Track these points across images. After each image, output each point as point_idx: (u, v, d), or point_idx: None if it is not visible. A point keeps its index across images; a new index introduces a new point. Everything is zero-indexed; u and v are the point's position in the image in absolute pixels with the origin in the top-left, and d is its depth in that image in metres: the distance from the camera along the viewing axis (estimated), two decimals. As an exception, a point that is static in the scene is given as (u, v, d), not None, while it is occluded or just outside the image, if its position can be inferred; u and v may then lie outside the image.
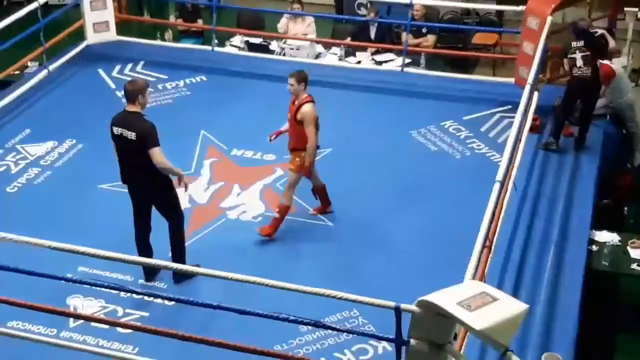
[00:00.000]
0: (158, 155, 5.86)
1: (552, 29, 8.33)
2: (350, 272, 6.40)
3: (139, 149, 5.85)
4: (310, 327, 5.66)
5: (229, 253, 6.61)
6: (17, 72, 9.73)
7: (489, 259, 5.67)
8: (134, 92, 5.88)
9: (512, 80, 9.02)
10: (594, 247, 6.91)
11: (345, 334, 5.65)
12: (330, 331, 5.68)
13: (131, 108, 5.92)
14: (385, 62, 10.02)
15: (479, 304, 3.91)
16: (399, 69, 9.64)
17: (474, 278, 4.60)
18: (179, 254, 6.17)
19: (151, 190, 6.07)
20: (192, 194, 7.43)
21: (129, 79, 9.58)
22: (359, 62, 10.05)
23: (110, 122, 6.03)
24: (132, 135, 5.85)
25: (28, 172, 7.84)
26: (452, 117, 8.80)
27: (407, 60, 9.73)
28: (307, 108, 6.38)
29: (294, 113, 6.49)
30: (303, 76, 6.45)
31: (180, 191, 6.16)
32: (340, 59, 10.13)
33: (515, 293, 6.02)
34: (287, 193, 6.66)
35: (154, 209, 6.20)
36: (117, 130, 5.94)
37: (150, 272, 6.31)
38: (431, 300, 3.98)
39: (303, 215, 7.11)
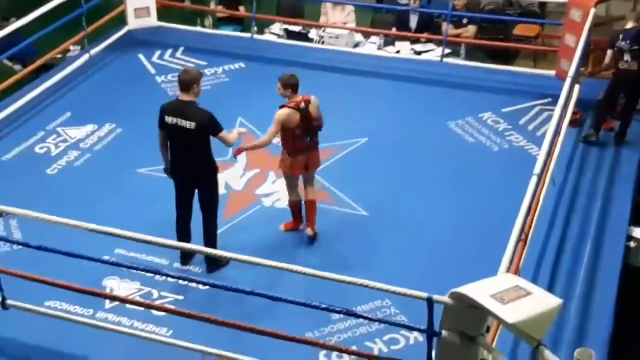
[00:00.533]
0: (226, 136, 6.06)
1: (595, 21, 8.20)
2: (383, 262, 6.40)
3: (196, 138, 5.91)
4: (341, 316, 5.68)
5: (264, 240, 6.66)
6: (59, 56, 9.87)
7: (524, 252, 5.63)
8: (190, 81, 5.90)
9: (553, 72, 8.90)
10: (632, 244, 6.82)
11: (376, 323, 5.65)
12: (361, 320, 5.69)
13: (185, 97, 5.93)
14: (425, 52, 9.96)
15: (513, 297, 3.90)
16: (439, 59, 9.59)
17: (508, 271, 4.57)
18: (212, 243, 6.22)
19: (201, 176, 6.13)
20: (227, 181, 7.48)
21: (168, 64, 9.71)
22: (397, 52, 10.00)
23: (160, 110, 6.01)
24: (191, 124, 5.86)
25: (68, 155, 7.96)
26: (490, 109, 8.73)
27: (447, 51, 9.66)
28: (280, 111, 6.29)
29: None
30: (290, 82, 6.28)
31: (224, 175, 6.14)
32: (379, 48, 10.10)
33: (549, 288, 5.97)
34: (288, 192, 6.66)
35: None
36: (171, 119, 5.91)
37: (187, 256, 6.38)
38: (464, 292, 3.98)
39: (338, 204, 7.12)
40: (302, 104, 6.30)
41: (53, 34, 9.11)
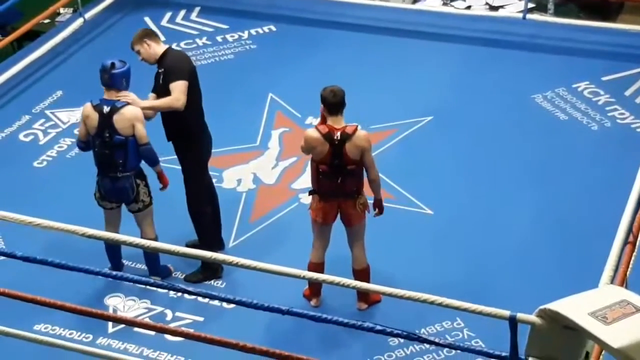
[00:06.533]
0: None
1: None
2: (453, 272, 6.38)
3: None
4: (402, 340, 5.67)
5: (302, 245, 6.64)
6: (47, 21, 9.97)
7: (633, 257, 5.56)
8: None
9: (668, 29, 8.85)
10: None
11: (445, 349, 5.64)
12: (427, 346, 5.67)
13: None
14: (503, 6, 9.91)
15: (618, 316, 3.86)
16: (520, 15, 9.52)
17: (612, 282, 4.53)
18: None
19: None
20: (257, 172, 7.51)
21: (182, 30, 9.76)
22: (468, 7, 9.97)
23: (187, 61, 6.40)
24: None
25: (59, 144, 8.05)
26: (587, 78, 8.66)
27: (531, 5, 9.59)
28: (307, 131, 5.94)
29: None
30: (326, 99, 5.76)
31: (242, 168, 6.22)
32: (444, 3, 10.07)
33: (666, 303, 5.90)
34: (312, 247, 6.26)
35: None
36: None
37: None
38: (556, 310, 3.95)
39: (398, 202, 7.10)
40: (337, 135, 5.75)
41: (39, -6, 9.24)
